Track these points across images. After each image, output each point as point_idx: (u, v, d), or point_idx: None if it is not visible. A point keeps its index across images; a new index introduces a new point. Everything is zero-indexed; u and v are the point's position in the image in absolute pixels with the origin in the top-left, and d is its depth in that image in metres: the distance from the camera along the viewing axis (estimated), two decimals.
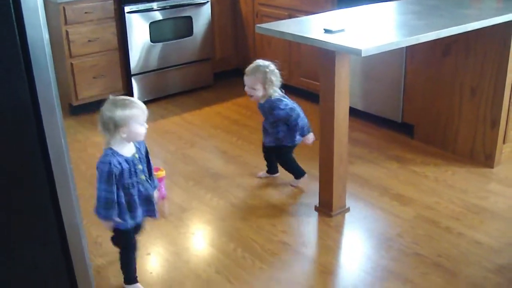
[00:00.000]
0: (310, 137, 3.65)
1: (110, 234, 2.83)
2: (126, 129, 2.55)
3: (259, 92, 3.61)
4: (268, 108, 3.62)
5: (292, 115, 3.55)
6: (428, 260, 3.02)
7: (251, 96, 3.67)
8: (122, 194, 2.60)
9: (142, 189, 2.68)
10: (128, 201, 2.64)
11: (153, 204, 2.76)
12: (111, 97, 2.63)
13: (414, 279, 2.87)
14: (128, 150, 2.64)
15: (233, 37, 6.03)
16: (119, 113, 2.53)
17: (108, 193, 2.55)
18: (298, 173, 3.81)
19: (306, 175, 3.80)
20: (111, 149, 2.58)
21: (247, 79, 3.64)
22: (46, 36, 1.72)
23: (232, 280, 2.88)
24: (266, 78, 3.55)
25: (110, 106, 2.56)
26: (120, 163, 2.56)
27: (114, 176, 2.54)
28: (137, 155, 2.68)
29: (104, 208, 2.57)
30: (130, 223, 2.68)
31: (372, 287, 2.83)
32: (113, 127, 2.54)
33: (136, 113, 2.57)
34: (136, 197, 2.66)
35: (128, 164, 2.60)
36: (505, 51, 3.73)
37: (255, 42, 5.78)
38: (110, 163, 2.53)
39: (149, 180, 2.75)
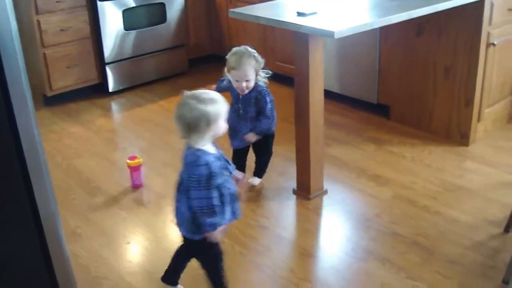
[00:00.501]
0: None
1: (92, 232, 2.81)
2: (215, 125, 2.33)
3: (252, 82, 3.25)
4: (255, 98, 3.30)
5: (271, 108, 3.37)
6: (406, 239, 3.05)
7: (246, 89, 3.26)
8: (217, 195, 2.34)
9: (231, 187, 2.41)
10: (221, 202, 2.37)
11: (238, 202, 2.47)
12: (187, 93, 2.40)
13: (392, 258, 2.90)
14: (212, 148, 2.41)
15: (207, 22, 6.00)
16: (212, 108, 2.30)
17: (210, 200, 2.31)
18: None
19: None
20: (199, 150, 2.34)
21: (238, 73, 3.20)
22: (14, 25, 1.69)
23: None
24: (257, 63, 3.23)
25: (196, 103, 2.30)
26: (214, 162, 2.32)
27: (212, 177, 2.29)
28: (221, 151, 2.46)
29: (210, 217, 2.32)
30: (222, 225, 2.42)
31: (351, 268, 2.85)
32: (205, 124, 2.29)
33: (224, 107, 2.37)
34: (227, 197, 2.39)
35: (220, 162, 2.37)
36: (477, 30, 3.75)
37: (230, 27, 5.76)
38: (207, 164, 2.29)
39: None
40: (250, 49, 3.24)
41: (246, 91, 3.27)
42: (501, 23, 3.89)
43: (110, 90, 5.32)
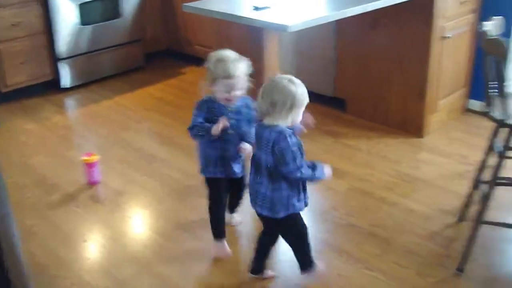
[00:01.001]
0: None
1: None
2: (297, 110, 2.37)
3: (243, 90, 2.73)
4: (246, 106, 2.78)
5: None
6: (363, 230, 3.08)
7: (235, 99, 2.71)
8: None
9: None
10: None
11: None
12: (280, 75, 2.42)
13: (350, 249, 2.93)
14: None
15: (163, 17, 5.95)
16: (300, 92, 2.34)
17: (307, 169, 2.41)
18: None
19: None
20: (278, 125, 2.34)
21: (231, 82, 2.62)
22: None
23: (171, 261, 2.87)
24: (248, 67, 2.72)
25: (288, 82, 2.32)
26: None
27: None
28: None
29: (314, 176, 2.44)
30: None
31: None
32: (290, 105, 2.31)
33: (307, 99, 2.38)
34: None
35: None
36: (429, 23, 3.80)
37: (185, 21, 5.72)
38: (292, 133, 2.40)
39: None
40: (234, 52, 2.74)
41: (235, 102, 2.71)
42: (454, 16, 3.95)
43: (65, 86, 5.23)
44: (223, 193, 2.90)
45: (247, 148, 2.76)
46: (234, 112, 2.71)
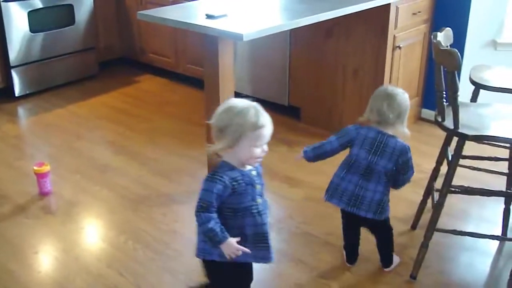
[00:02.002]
0: None
1: None
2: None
3: None
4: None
5: None
6: (318, 239, 3.09)
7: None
8: None
9: None
10: None
11: None
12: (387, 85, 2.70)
13: (305, 259, 2.93)
14: None
15: (117, 24, 5.89)
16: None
17: None
18: None
19: None
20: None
21: (266, 132, 2.14)
22: None
23: (124, 273, 2.82)
24: None
25: (403, 94, 2.64)
26: None
27: None
28: None
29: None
30: None
31: (265, 270, 2.84)
32: (403, 117, 2.63)
33: None
34: None
35: None
36: (383, 33, 3.85)
37: (140, 29, 5.68)
38: None
39: None
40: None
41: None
42: (406, 27, 4.01)
43: (16, 94, 5.13)
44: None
45: None
46: (256, 174, 2.22)
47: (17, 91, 5.14)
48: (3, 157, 4.06)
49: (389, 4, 3.77)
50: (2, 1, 4.83)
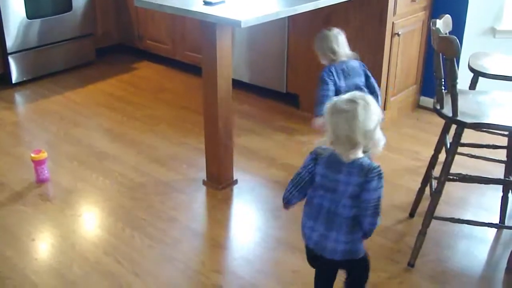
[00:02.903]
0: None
1: None
2: None
3: None
4: None
5: None
6: None
7: None
8: None
9: None
10: None
11: None
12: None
13: (302, 246, 2.87)
14: None
15: (115, 11, 5.86)
16: None
17: None
18: None
19: None
20: None
21: None
22: None
23: (121, 260, 2.82)
24: None
25: None
26: None
27: None
28: None
29: None
30: None
31: (262, 258, 2.86)
32: None
33: None
34: None
35: None
36: (382, 20, 3.83)
37: (138, 15, 5.65)
38: None
39: None
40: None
41: None
42: (404, 14, 3.99)
43: (14, 81, 5.11)
44: None
45: None
46: None
47: (14, 77, 5.11)
48: (0, 144, 4.05)
49: None
50: None
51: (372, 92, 3.11)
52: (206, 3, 3.04)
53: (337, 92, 3.03)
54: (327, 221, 2.08)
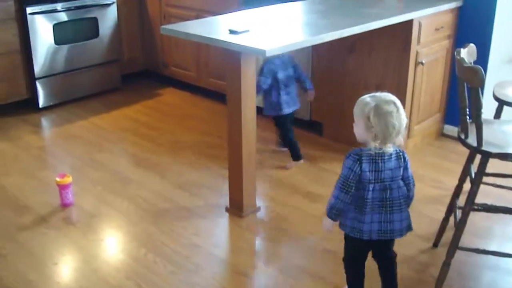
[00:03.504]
0: None
1: None
2: None
3: None
4: None
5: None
6: (339, 255, 3.04)
7: None
8: None
9: None
10: None
11: None
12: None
13: (325, 275, 2.91)
14: None
15: (140, 38, 5.94)
16: None
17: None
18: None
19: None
20: None
21: None
22: None
23: (143, 285, 2.82)
24: None
25: None
26: None
27: None
28: None
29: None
30: None
31: (284, 286, 2.84)
32: None
33: None
34: None
35: None
36: (406, 49, 3.84)
37: (163, 43, 5.72)
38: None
39: None
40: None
41: None
42: (428, 43, 4.00)
43: (40, 105, 5.19)
44: None
45: None
46: None
47: (41, 102, 5.19)
48: (26, 168, 4.10)
49: (412, 20, 3.76)
50: (29, 14, 4.90)
51: (304, 80, 4.03)
52: (231, 32, 3.07)
53: (275, 80, 3.81)
54: (391, 206, 2.38)
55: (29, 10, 4.91)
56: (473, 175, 2.75)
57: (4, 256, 3.07)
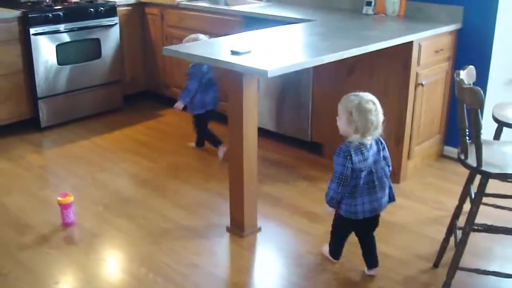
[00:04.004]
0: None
1: None
2: None
3: None
4: None
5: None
6: (338, 275, 3.07)
7: None
8: None
9: None
10: None
11: None
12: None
13: None
14: None
15: (142, 59, 5.99)
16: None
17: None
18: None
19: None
20: None
21: None
22: None
23: None
24: None
25: None
26: None
27: None
28: None
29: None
30: None
31: None
32: None
33: None
34: None
35: None
36: (406, 71, 3.87)
37: (165, 64, 5.76)
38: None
39: None
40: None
41: None
42: (428, 64, 4.03)
43: (42, 125, 5.22)
44: None
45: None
46: None
47: (43, 122, 5.22)
48: (27, 187, 4.12)
49: (411, 42, 3.80)
50: (32, 34, 4.94)
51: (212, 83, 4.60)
52: (233, 53, 3.11)
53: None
54: (379, 185, 2.85)
55: (32, 30, 4.96)
56: (473, 196, 2.77)
57: (4, 275, 3.08)
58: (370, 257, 3.06)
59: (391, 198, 2.95)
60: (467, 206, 2.84)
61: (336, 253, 3.16)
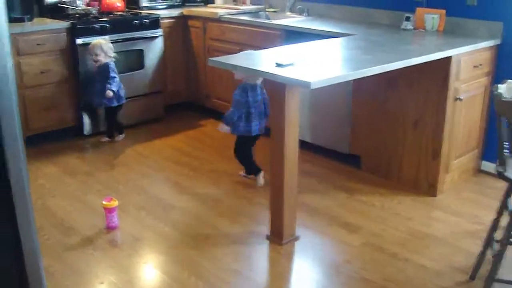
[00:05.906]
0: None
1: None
2: None
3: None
4: None
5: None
6: (375, 284, 3.12)
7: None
8: None
9: None
10: None
11: None
12: None
13: None
14: None
15: (184, 70, 6.12)
16: None
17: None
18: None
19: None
20: None
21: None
22: (10, 64, 1.75)
23: None
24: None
25: None
26: None
27: None
28: None
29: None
30: None
31: None
32: None
33: None
34: None
35: None
36: (445, 85, 3.91)
37: (206, 75, 5.88)
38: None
39: None
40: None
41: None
42: (467, 79, 4.07)
43: (86, 133, 5.37)
44: None
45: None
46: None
47: (87, 129, 5.37)
48: (72, 191, 4.25)
49: (451, 57, 3.84)
50: (79, 45, 5.10)
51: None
52: (278, 65, 3.19)
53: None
54: (261, 114, 4.22)
55: (79, 41, 5.11)
56: (510, 208, 2.80)
57: (51, 273, 3.19)
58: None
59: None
60: (504, 219, 2.87)
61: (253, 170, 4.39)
